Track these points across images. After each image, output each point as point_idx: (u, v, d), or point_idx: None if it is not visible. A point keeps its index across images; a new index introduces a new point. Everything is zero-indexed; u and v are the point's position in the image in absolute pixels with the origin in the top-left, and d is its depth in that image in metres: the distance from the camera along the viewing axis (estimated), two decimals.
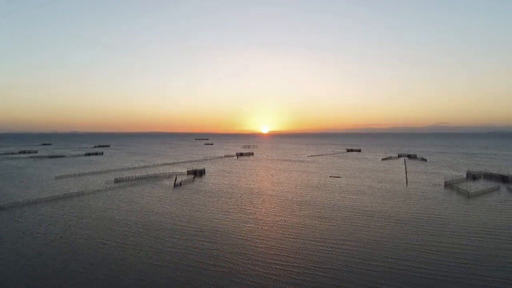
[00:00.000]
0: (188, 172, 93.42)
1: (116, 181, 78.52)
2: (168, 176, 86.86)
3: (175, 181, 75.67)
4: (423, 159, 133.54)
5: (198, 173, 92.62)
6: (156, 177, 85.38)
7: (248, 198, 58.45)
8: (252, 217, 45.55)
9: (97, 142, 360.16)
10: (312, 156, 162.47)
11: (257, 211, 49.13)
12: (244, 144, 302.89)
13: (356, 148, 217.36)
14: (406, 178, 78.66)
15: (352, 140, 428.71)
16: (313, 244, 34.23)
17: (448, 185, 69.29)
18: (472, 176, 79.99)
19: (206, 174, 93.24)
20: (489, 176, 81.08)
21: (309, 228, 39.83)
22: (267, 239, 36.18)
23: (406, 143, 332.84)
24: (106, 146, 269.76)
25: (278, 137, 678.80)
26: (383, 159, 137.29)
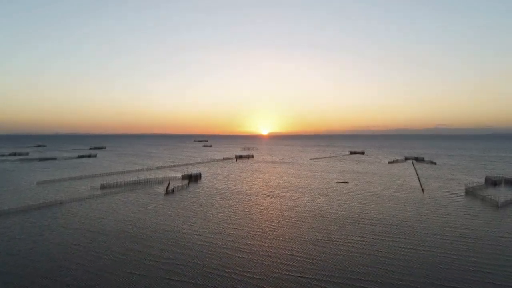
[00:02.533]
0: (183, 177, 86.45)
1: (103, 187, 71.52)
2: (161, 182, 79.92)
3: (167, 188, 68.74)
4: (432, 163, 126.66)
5: (194, 178, 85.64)
6: (147, 183, 78.41)
7: (246, 209, 51.50)
8: (247, 237, 38.07)
9: (95, 143, 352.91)
10: (314, 159, 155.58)
11: (254, 227, 42.00)
12: (244, 146, 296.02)
13: (359, 150, 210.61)
14: (421, 185, 71.74)
15: (353, 142, 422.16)
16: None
17: (470, 192, 62.42)
18: (492, 182, 73.15)
19: (202, 179, 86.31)
20: (510, 182, 74.29)
21: (317, 257, 31.72)
22: (262, 278, 27.29)
23: (407, 145, 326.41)
24: (101, 148, 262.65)
25: (278, 139, 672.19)
26: (389, 162, 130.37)
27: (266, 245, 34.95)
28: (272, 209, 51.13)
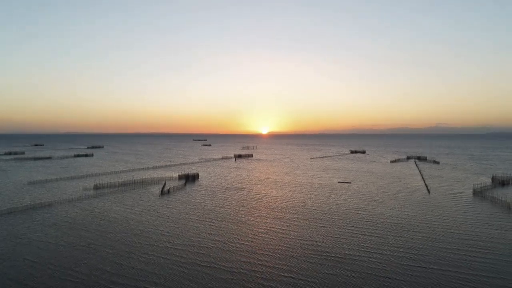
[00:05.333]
0: (180, 177, 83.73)
1: (96, 187, 68.79)
2: (157, 182, 77.20)
3: (162, 188, 66.06)
4: (435, 162, 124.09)
5: (191, 178, 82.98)
6: (142, 183, 75.65)
7: (242, 212, 48.77)
8: (238, 252, 34.26)
9: (93, 143, 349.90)
10: (314, 158, 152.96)
11: (249, 236, 38.72)
12: (243, 145, 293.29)
13: (360, 149, 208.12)
14: (426, 185, 69.09)
15: (353, 141, 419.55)
16: None
17: (478, 193, 59.85)
18: (500, 182, 70.62)
19: (200, 179, 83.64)
20: None
21: (315, 279, 27.83)
22: None
23: (408, 144, 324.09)
24: (99, 147, 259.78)
25: (277, 138, 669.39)
26: (392, 162, 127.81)
27: (260, 263, 30.42)
28: (269, 213, 48.45)
